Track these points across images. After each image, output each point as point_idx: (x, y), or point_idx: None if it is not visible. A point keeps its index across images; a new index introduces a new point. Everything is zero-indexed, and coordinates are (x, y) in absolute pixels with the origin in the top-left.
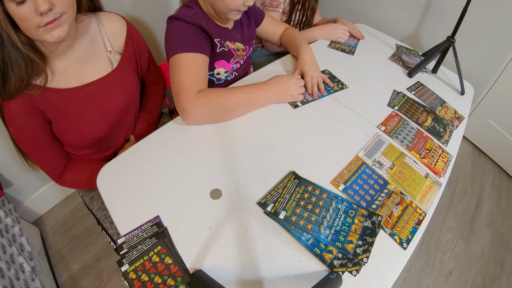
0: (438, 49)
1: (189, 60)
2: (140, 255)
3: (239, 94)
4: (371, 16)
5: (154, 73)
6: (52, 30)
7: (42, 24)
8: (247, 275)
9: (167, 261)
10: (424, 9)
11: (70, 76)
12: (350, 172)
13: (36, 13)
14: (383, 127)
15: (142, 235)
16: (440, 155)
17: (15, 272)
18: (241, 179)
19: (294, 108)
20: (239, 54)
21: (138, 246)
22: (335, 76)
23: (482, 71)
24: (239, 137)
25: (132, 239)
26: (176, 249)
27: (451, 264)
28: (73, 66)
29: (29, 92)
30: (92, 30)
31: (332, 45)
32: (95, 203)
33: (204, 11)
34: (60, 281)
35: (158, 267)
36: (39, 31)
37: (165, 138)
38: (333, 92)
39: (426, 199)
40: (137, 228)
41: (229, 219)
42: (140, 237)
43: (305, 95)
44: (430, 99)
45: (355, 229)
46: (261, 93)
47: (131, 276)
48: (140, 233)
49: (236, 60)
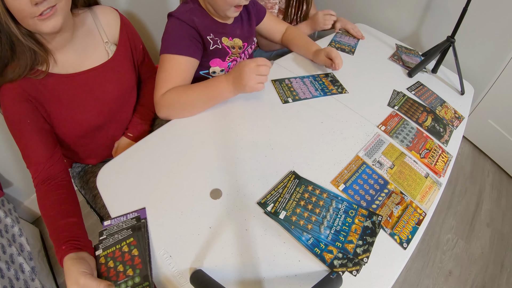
0: (438, 49)
1: (172, 62)
2: (114, 243)
3: (197, 90)
4: (371, 16)
5: (148, 66)
6: (47, 20)
7: (37, 14)
8: (247, 275)
9: (134, 252)
10: (424, 9)
11: (69, 67)
12: (350, 172)
13: (31, 3)
14: (383, 127)
15: (122, 226)
16: (440, 155)
17: (15, 272)
18: (241, 179)
19: (283, 103)
20: (234, 52)
21: (115, 234)
22: (337, 79)
23: (482, 71)
24: (239, 137)
25: (112, 228)
26: (150, 244)
27: (451, 264)
28: (72, 58)
29: (31, 76)
30: (88, 22)
31: (332, 44)
32: (98, 201)
33: (202, 7)
34: (60, 281)
35: (125, 257)
36: (35, 21)
37: (165, 138)
38: (330, 95)
39: (426, 199)
40: (120, 216)
41: (229, 219)
42: (120, 227)
43: (298, 92)
44: (430, 99)
45: (355, 229)
46: (220, 86)
47: (101, 261)
48: (121, 223)
49: (233, 58)
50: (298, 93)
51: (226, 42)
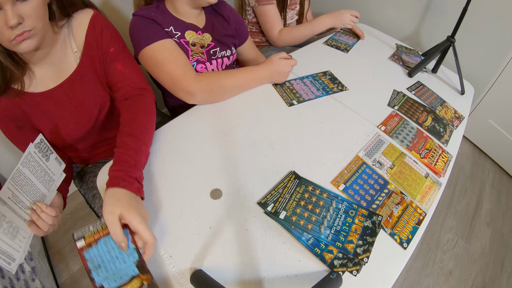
0: (438, 49)
1: (162, 49)
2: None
3: (237, 76)
4: (371, 16)
5: (128, 79)
6: (21, 43)
7: (12, 37)
8: (247, 275)
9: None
10: (424, 9)
11: (48, 80)
12: (350, 172)
13: (6, 26)
14: (383, 127)
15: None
16: (440, 155)
17: (15, 272)
18: (241, 179)
19: (289, 106)
20: (195, 50)
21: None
22: (336, 77)
23: (482, 71)
24: (239, 137)
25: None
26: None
27: (451, 263)
28: (49, 72)
29: (6, 96)
30: (63, 33)
31: (328, 42)
32: (97, 201)
33: (165, 7)
34: (60, 281)
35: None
36: (12, 43)
37: (165, 138)
38: (332, 93)
39: (426, 199)
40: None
41: (229, 219)
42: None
43: (302, 94)
44: (430, 99)
45: (355, 229)
46: (258, 72)
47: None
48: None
49: (196, 57)
50: (302, 95)
51: (190, 36)
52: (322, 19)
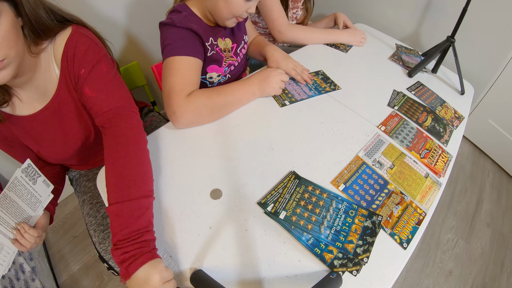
0: (438, 49)
1: (182, 62)
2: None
3: (226, 94)
4: (371, 16)
5: (97, 105)
6: None
7: None
8: (247, 275)
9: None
10: (424, 9)
11: (35, 103)
12: (350, 172)
13: None
14: (383, 127)
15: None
16: (440, 155)
17: (15, 272)
18: (241, 179)
19: (281, 107)
20: (226, 55)
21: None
22: (328, 77)
23: (482, 71)
24: (239, 137)
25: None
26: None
27: (451, 263)
28: (37, 94)
29: None
30: (47, 55)
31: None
32: (85, 207)
33: (195, 14)
34: (60, 281)
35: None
36: None
37: (165, 138)
38: (324, 93)
39: (426, 199)
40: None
41: (229, 219)
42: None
43: (294, 94)
44: (430, 99)
45: (355, 229)
46: (245, 88)
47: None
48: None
49: (228, 62)
50: (294, 95)
51: (220, 43)
52: (339, 34)
